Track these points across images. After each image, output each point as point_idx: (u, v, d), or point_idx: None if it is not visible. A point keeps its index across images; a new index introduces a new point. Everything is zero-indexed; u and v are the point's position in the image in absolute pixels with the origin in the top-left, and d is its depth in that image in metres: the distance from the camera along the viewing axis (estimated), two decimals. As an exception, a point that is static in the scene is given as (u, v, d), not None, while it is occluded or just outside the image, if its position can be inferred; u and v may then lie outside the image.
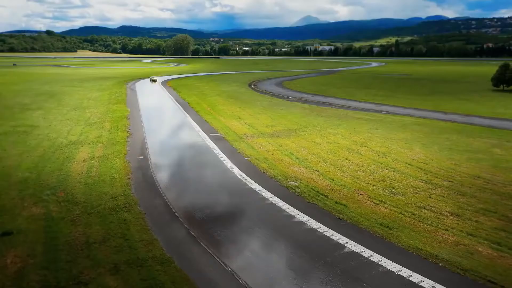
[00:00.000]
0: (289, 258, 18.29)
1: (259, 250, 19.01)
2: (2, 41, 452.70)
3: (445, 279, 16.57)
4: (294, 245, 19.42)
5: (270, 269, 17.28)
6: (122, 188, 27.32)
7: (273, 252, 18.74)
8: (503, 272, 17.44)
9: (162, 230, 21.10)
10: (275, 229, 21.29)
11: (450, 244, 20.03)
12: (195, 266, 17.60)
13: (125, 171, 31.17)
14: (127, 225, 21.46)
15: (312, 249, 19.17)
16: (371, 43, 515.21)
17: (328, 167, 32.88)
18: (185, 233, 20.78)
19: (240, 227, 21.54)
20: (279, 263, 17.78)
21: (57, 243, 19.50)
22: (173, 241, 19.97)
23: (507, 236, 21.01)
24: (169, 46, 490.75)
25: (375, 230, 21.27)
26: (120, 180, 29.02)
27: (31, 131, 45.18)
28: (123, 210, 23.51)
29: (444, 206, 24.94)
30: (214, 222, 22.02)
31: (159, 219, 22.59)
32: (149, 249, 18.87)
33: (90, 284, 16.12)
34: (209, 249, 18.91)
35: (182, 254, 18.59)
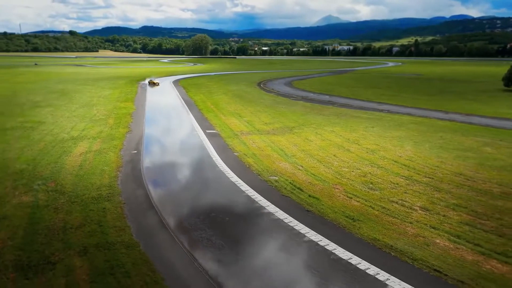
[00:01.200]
0: (249, 244, 19.27)
1: (221, 237, 20.02)
2: (27, 41, 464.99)
3: (391, 267, 17.30)
4: (256, 233, 20.39)
5: (224, 253, 18.30)
6: (109, 179, 28.69)
7: (234, 239, 19.73)
8: (452, 262, 18.04)
9: (136, 218, 22.32)
10: (242, 219, 22.29)
11: (409, 236, 20.66)
12: (158, 250, 18.74)
13: (116, 164, 32.58)
14: (105, 213, 22.77)
15: (273, 236, 20.09)
16: (392, 43, 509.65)
17: (314, 163, 33.62)
18: (157, 221, 21.97)
19: (210, 217, 22.61)
20: (237, 248, 18.77)
21: (37, 228, 20.91)
22: (144, 228, 21.16)
23: (470, 230, 21.48)
24: (188, 46, 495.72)
25: (339, 222, 22.03)
26: (109, 172, 30.43)
27: (37, 127, 47.13)
28: (104, 199, 24.84)
29: (416, 201, 25.47)
30: (186, 212, 23.15)
31: (136, 208, 23.83)
32: (119, 235, 20.10)
33: (58, 264, 17.40)
34: (174, 235, 20.03)
35: (148, 240, 19.76)
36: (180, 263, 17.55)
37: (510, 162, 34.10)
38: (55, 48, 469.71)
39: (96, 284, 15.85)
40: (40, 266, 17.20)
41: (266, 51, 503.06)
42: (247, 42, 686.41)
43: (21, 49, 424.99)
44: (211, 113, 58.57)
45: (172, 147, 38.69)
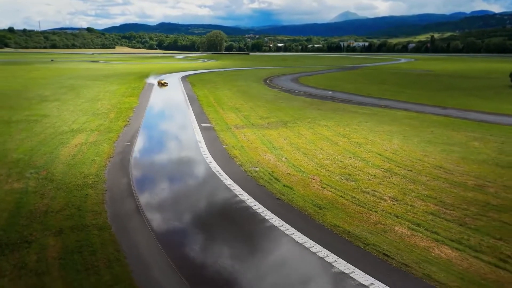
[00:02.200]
0: (212, 228, 20.48)
1: (187, 222, 21.27)
2: (45, 38, 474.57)
3: (342, 250, 18.27)
4: (222, 218, 21.61)
5: (188, 233, 19.54)
6: (97, 169, 30.19)
7: (199, 224, 20.95)
8: (403, 247, 18.90)
9: (115, 204, 23.70)
10: (213, 206, 23.51)
11: (370, 223, 21.54)
12: (127, 232, 20.07)
13: (107, 155, 34.09)
14: (86, 199, 24.22)
15: (237, 221, 21.27)
16: (409, 39, 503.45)
17: (298, 155, 34.58)
18: (133, 207, 23.31)
19: (183, 203, 23.90)
20: (199, 233, 19.98)
21: (21, 212, 22.45)
22: (119, 213, 22.52)
23: (432, 219, 22.24)
24: (203, 43, 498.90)
25: (306, 210, 23.02)
26: (99, 162, 31.94)
27: (41, 120, 49.05)
28: (89, 187, 26.30)
29: (388, 191, 26.25)
30: (162, 199, 24.49)
31: (117, 195, 25.22)
32: (95, 218, 21.49)
33: (33, 243, 18.85)
34: (146, 219, 21.35)
35: (121, 223, 21.10)
36: (144, 244, 18.82)
37: (493, 156, 34.43)
38: (73, 44, 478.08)
39: (63, 260, 17.19)
40: (16, 244, 18.62)
41: (280, 48, 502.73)
42: (263, 38, 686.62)
43: (39, 46, 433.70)
44: (211, 107, 59.82)
45: (165, 140, 40.14)
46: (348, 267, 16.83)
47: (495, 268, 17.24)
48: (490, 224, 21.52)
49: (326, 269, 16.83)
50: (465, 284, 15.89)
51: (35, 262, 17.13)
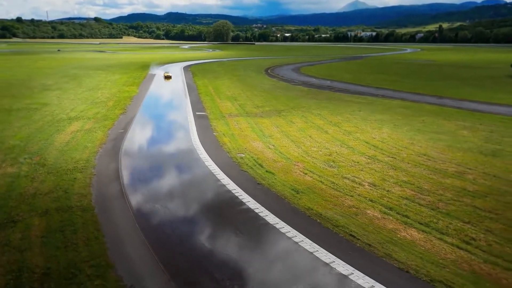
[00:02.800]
0: (190, 209, 21.44)
1: (167, 204, 22.23)
2: (53, 28, 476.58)
3: (310, 231, 19.09)
4: (201, 200, 22.57)
5: (165, 214, 20.52)
6: (88, 154, 31.21)
7: (179, 205, 21.92)
8: (371, 229, 19.67)
9: (100, 187, 24.70)
10: (193, 189, 24.46)
11: (344, 207, 22.31)
12: (108, 213, 21.04)
13: (100, 141, 35.09)
14: (74, 182, 25.23)
15: (215, 204, 22.22)
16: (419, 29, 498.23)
17: (286, 143, 35.32)
18: (118, 190, 24.29)
19: (166, 187, 24.88)
20: (176, 211, 20.95)
21: (11, 194, 23.50)
22: (104, 195, 23.50)
23: (405, 203, 22.94)
24: (209, 33, 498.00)
25: (283, 194, 23.84)
26: (91, 148, 32.97)
27: (41, 108, 50.18)
28: (78, 171, 27.31)
29: (368, 177, 26.95)
30: (146, 182, 25.45)
31: (104, 179, 26.21)
32: (80, 200, 22.49)
33: (18, 222, 19.89)
34: (128, 202, 22.32)
35: (104, 205, 22.08)
36: (123, 224, 19.80)
37: (479, 144, 34.91)
38: (80, 34, 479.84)
39: (45, 238, 18.21)
40: (3, 224, 19.67)
41: (287, 38, 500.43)
42: (270, 28, 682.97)
43: (47, 36, 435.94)
44: (208, 96, 60.57)
45: (158, 127, 41.06)
46: (313, 247, 17.63)
47: (457, 249, 17.94)
48: (461, 209, 22.14)
49: (292, 248, 17.64)
50: (423, 262, 16.63)
51: (19, 240, 18.13)
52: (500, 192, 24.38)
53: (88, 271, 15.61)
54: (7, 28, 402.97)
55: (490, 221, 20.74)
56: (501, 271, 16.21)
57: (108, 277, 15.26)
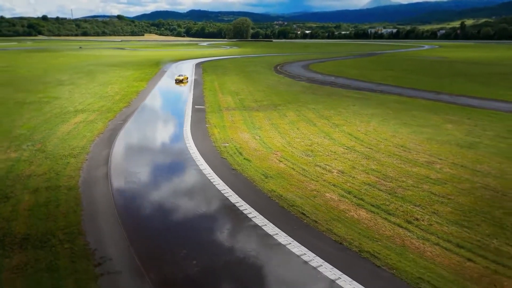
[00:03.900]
0: (163, 190, 23.81)
1: (145, 184, 24.63)
2: (77, 25, 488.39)
3: (266, 210, 21.10)
4: (177, 181, 24.94)
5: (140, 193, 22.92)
6: (85, 142, 33.90)
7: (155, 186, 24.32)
8: (323, 209, 21.53)
9: (89, 170, 27.25)
10: (172, 173, 26.87)
11: (306, 190, 24.20)
12: (90, 192, 23.52)
13: (99, 131, 37.81)
14: (66, 166, 27.86)
15: (188, 186, 24.51)
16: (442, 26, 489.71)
17: (273, 134, 37.27)
18: (104, 173, 26.80)
19: (147, 170, 27.31)
20: (151, 191, 23.32)
21: (10, 176, 26.24)
22: (90, 177, 26.02)
23: (366, 188, 24.66)
24: (229, 30, 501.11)
25: (253, 178, 25.88)
26: (89, 137, 35.68)
27: (52, 101, 53.42)
28: (72, 157, 29.97)
29: (339, 165, 28.69)
30: (131, 166, 27.95)
31: (94, 164, 28.77)
32: (68, 181, 25.07)
33: (11, 198, 22.54)
34: (110, 183, 24.80)
35: (89, 185, 24.59)
36: (102, 201, 22.24)
37: (459, 137, 36.12)
38: (103, 32, 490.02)
39: (31, 211, 20.77)
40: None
41: (307, 35, 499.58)
42: (291, 25, 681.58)
43: (71, 33, 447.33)
44: (211, 91, 62.88)
45: (155, 119, 43.65)
46: (263, 221, 19.68)
47: (397, 227, 19.67)
48: (417, 194, 23.74)
49: (244, 222, 19.75)
50: (359, 237, 18.46)
51: (8, 212, 20.74)
52: (460, 180, 25.77)
53: (61, 237, 18.03)
54: (33, 26, 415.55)
55: (440, 204, 22.27)
56: (430, 245, 17.89)
57: (77, 242, 17.64)
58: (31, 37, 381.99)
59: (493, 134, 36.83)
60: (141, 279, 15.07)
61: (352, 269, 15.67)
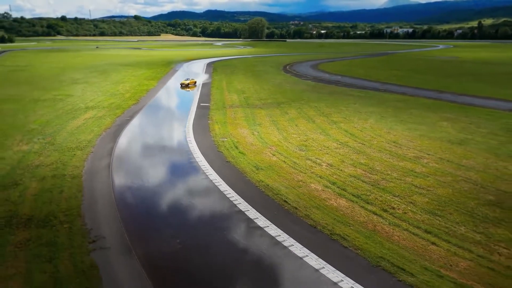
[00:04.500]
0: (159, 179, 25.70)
1: (142, 174, 26.53)
2: (95, 26, 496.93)
3: (252, 198, 22.68)
4: (171, 173, 26.83)
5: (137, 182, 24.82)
6: (92, 136, 36.01)
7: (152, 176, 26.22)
8: (305, 197, 23.02)
9: (93, 161, 29.25)
10: (168, 164, 28.75)
11: (293, 181, 25.71)
12: (92, 180, 25.47)
13: (106, 126, 39.91)
14: (72, 157, 29.93)
15: (183, 176, 26.33)
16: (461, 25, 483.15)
17: (271, 130, 38.83)
18: (107, 163, 28.79)
19: (146, 161, 29.24)
20: (147, 180, 25.20)
21: (20, 166, 28.38)
22: (94, 167, 28.00)
23: (350, 180, 26.05)
24: (244, 30, 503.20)
25: (244, 169, 27.51)
26: (97, 131, 37.80)
27: (65, 99, 55.92)
28: (79, 149, 32.05)
29: (329, 159, 30.12)
30: (131, 159, 29.94)
31: (99, 156, 30.77)
32: (73, 170, 27.09)
33: (20, 185, 24.62)
34: (111, 173, 26.76)
35: (91, 174, 26.56)
36: (101, 188, 24.17)
37: (453, 134, 37.18)
38: (120, 32, 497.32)
39: (37, 196, 22.78)
40: (8, 186, 24.43)
41: (322, 35, 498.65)
42: (307, 25, 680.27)
43: (89, 34, 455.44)
44: (218, 90, 64.72)
45: (160, 116, 45.64)
46: (246, 207, 21.32)
47: (372, 214, 21.09)
48: (398, 186, 25.06)
49: (230, 208, 21.41)
50: (334, 222, 19.93)
51: (16, 197, 22.80)
52: (443, 174, 26.97)
53: (62, 218, 19.96)
54: (52, 26, 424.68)
55: (418, 195, 23.58)
56: (399, 231, 19.28)
57: (75, 223, 19.55)
58: (50, 37, 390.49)
59: (486, 131, 37.68)
60: (128, 253, 16.86)
61: (320, 249, 17.17)
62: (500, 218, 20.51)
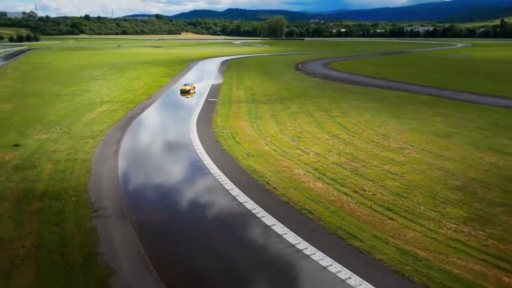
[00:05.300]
0: (158, 162, 28.84)
1: (144, 158, 29.72)
2: (117, 24, 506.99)
3: (239, 180, 25.50)
4: (171, 159, 29.95)
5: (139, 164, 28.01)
6: (104, 127, 39.39)
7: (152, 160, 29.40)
8: (286, 180, 25.67)
9: (102, 148, 32.53)
10: (170, 150, 31.85)
11: (279, 167, 28.35)
12: (100, 163, 28.70)
13: (118, 118, 43.29)
14: (85, 144, 33.30)
15: (179, 160, 29.38)
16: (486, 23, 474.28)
17: (270, 123, 41.51)
18: (114, 150, 32.07)
19: (149, 146, 32.43)
20: (148, 163, 28.35)
21: (38, 151, 31.80)
22: (102, 153, 31.25)
23: (333, 167, 28.52)
24: (263, 28, 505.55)
25: (236, 156, 30.34)
26: (109, 123, 41.18)
27: (83, 94, 59.75)
28: (91, 137, 35.43)
29: (317, 149, 32.67)
30: (136, 146, 33.17)
31: (108, 143, 34.04)
32: (84, 155, 30.40)
33: (37, 167, 27.98)
34: (117, 158, 30.01)
35: (99, 158, 29.82)
36: (107, 170, 27.38)
37: (442, 128, 39.22)
38: (142, 31, 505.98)
39: (51, 176, 26.11)
40: (26, 167, 27.82)
41: (342, 33, 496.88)
42: (327, 23, 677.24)
43: (111, 32, 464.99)
44: (228, 86, 67.71)
45: (169, 109, 48.89)
46: (231, 187, 24.17)
47: (342, 194, 23.63)
48: (375, 172, 27.48)
49: (217, 187, 24.33)
50: (306, 200, 22.59)
51: (34, 176, 26.17)
52: (420, 163, 29.24)
53: (71, 193, 23.20)
54: (75, 25, 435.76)
55: (390, 180, 26.00)
56: (363, 208, 21.82)
57: (82, 196, 22.75)
58: (73, 35, 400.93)
59: (474, 126, 39.58)
60: (124, 220, 19.95)
61: (287, 220, 19.92)
62: (460, 200, 22.77)
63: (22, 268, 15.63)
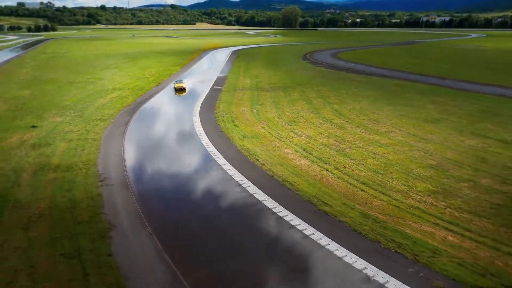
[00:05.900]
0: (161, 141, 31.70)
1: (147, 138, 32.63)
2: (133, 14, 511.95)
3: (232, 157, 28.10)
4: (173, 139, 32.76)
5: (142, 142, 30.93)
6: (114, 111, 42.43)
7: (155, 139, 32.28)
8: (275, 158, 28.24)
9: (112, 129, 35.50)
10: (173, 132, 34.70)
11: (271, 146, 30.81)
12: (108, 142, 31.69)
13: (127, 104, 46.31)
14: (95, 126, 36.33)
15: (180, 139, 32.24)
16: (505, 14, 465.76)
17: (269, 109, 43.99)
18: (122, 131, 35.07)
19: (154, 128, 35.36)
20: (152, 142, 31.26)
21: (53, 131, 34.95)
22: (111, 133, 34.24)
23: (320, 148, 30.85)
24: (278, 18, 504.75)
25: (233, 137, 33.01)
26: (118, 107, 44.22)
27: (96, 82, 63.01)
28: (101, 120, 38.49)
29: (310, 132, 35.02)
30: (142, 128, 36.10)
31: (117, 125, 37.00)
32: (95, 135, 33.42)
33: (52, 145, 31.04)
34: (124, 138, 33.01)
35: (108, 138, 32.82)
36: (115, 147, 30.36)
37: (432, 114, 41.16)
38: (157, 21, 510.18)
39: (65, 152, 29.16)
40: (43, 145, 30.94)
41: (357, 23, 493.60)
42: (343, 14, 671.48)
43: (127, 22, 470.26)
44: (234, 75, 70.26)
45: (176, 96, 51.68)
46: (224, 162, 26.88)
47: (324, 170, 26.07)
48: (359, 152, 29.83)
49: (211, 162, 27.12)
50: (290, 175, 25.17)
51: (49, 152, 29.22)
52: (403, 144, 31.46)
53: (81, 166, 26.23)
54: (92, 16, 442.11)
55: (371, 159, 28.34)
56: (340, 181, 24.31)
57: (91, 169, 25.74)
58: (90, 26, 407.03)
59: (464, 113, 41.48)
60: (126, 189, 22.88)
61: (268, 189, 22.56)
62: (430, 176, 25.08)
63: (38, 223, 18.63)
